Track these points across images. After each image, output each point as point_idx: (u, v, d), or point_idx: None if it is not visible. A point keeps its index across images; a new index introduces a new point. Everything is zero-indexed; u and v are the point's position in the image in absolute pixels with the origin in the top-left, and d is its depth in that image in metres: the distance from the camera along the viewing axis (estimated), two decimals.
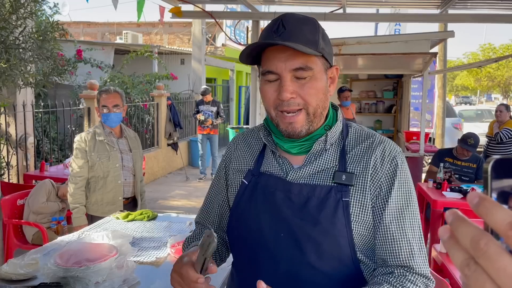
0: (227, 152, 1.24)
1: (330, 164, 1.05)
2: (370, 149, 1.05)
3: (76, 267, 1.55)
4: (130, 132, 3.20)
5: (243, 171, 1.15)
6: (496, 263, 0.32)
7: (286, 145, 1.07)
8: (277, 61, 0.98)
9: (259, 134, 1.18)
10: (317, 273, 1.01)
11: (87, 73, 8.23)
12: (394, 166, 1.04)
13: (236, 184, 1.15)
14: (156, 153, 8.32)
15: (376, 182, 1.02)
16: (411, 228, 1.03)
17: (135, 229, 2.36)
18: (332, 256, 1.00)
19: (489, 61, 5.81)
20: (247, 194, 1.11)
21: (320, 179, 1.04)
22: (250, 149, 1.18)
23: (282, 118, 1.01)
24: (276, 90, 1.00)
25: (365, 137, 1.08)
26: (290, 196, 1.04)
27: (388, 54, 4.74)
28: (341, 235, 0.99)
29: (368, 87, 8.50)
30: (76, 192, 2.91)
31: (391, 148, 1.06)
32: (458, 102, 33.84)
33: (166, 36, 15.84)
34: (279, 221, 1.03)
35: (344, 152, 1.06)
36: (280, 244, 1.03)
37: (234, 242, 1.16)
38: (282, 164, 1.08)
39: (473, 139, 4.45)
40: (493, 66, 22.76)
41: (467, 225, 0.34)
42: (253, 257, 1.08)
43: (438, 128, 10.19)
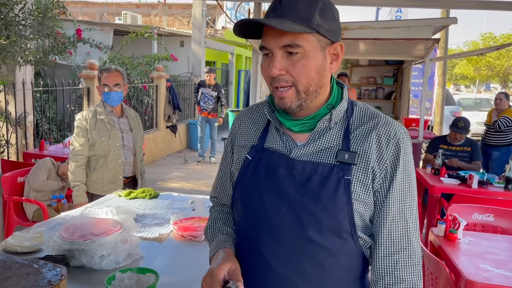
0: (233, 127, 1.25)
1: (333, 143, 1.06)
2: (375, 130, 1.05)
3: (81, 240, 1.56)
4: (131, 111, 3.19)
5: (247, 147, 1.16)
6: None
7: (288, 123, 1.09)
8: (269, 38, 1.00)
9: (263, 110, 1.18)
10: (317, 248, 1.03)
11: (86, 54, 8.16)
12: (399, 149, 1.04)
13: (240, 160, 1.16)
14: (155, 135, 8.31)
15: (382, 164, 1.03)
16: (410, 210, 1.06)
17: (137, 207, 2.38)
18: (332, 232, 1.02)
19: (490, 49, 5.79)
20: (250, 170, 1.12)
21: (323, 157, 1.05)
22: (254, 125, 1.19)
23: (275, 92, 1.04)
24: (269, 66, 1.01)
25: (370, 117, 1.08)
26: (293, 172, 1.05)
27: (391, 39, 4.73)
28: (342, 212, 1.01)
29: (369, 73, 8.49)
30: (76, 170, 2.92)
31: (396, 130, 1.05)
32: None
33: (165, 18, 15.69)
34: (280, 196, 1.05)
35: (348, 131, 1.06)
36: (281, 219, 1.04)
37: (237, 217, 1.18)
38: (286, 141, 1.09)
39: (463, 121, 4.52)
40: (493, 55, 22.69)
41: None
42: (254, 231, 1.10)
43: (437, 116, 10.21)
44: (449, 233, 2.67)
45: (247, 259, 1.12)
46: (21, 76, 4.94)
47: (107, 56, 7.86)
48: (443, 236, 2.71)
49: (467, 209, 3.15)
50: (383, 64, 8.25)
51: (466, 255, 2.46)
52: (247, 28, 1.03)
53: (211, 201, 1.37)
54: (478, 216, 3.13)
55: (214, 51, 12.75)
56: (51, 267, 1.32)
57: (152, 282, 1.36)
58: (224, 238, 1.15)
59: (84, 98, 6.13)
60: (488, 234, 2.92)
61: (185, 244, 1.89)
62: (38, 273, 1.30)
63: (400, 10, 14.73)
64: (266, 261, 1.07)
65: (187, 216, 2.12)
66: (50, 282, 1.25)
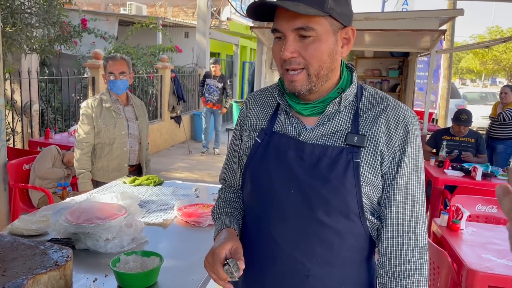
0: (242, 111, 1.26)
1: (343, 126, 1.06)
2: (384, 113, 1.06)
3: (86, 223, 1.58)
4: (136, 100, 3.20)
5: (256, 130, 1.17)
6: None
7: (298, 107, 1.09)
8: (282, 20, 1.00)
9: (273, 93, 1.19)
10: (325, 229, 1.05)
11: (91, 44, 8.16)
12: (408, 132, 1.05)
13: (249, 143, 1.17)
14: (159, 126, 8.33)
15: (391, 147, 1.04)
16: (417, 194, 1.07)
17: (142, 193, 2.39)
18: (340, 213, 1.04)
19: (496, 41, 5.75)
20: (259, 152, 1.13)
21: (332, 140, 1.06)
22: (264, 108, 1.19)
23: (286, 75, 1.04)
24: (281, 49, 1.02)
25: (380, 101, 1.09)
26: (302, 155, 1.06)
27: (397, 30, 4.70)
28: (350, 194, 1.02)
29: (374, 65, 8.44)
30: (82, 158, 2.94)
31: (405, 114, 1.06)
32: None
33: (170, 9, 15.64)
34: (290, 178, 1.06)
35: (358, 115, 1.07)
36: (290, 201, 1.06)
37: (246, 199, 1.20)
38: (295, 124, 1.10)
39: (465, 114, 4.50)
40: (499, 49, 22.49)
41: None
42: (263, 212, 1.12)
43: (441, 109, 10.17)
44: (452, 223, 2.68)
45: (256, 240, 1.14)
46: (26, 65, 4.97)
47: (112, 46, 7.87)
48: (445, 226, 2.72)
49: (470, 200, 3.15)
50: (388, 57, 8.20)
51: (468, 245, 2.47)
52: (260, 11, 1.03)
53: (220, 183, 1.39)
54: (481, 208, 3.13)
55: (218, 42, 12.73)
56: (57, 248, 1.34)
57: (156, 265, 1.38)
58: (228, 219, 1.17)
59: (89, 88, 6.15)
60: (491, 225, 2.92)
61: (189, 229, 1.91)
62: (44, 254, 1.32)
63: (407, 2, 14.62)
64: (275, 241, 1.09)
65: (191, 203, 2.14)
66: (56, 263, 1.27)
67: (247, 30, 12.91)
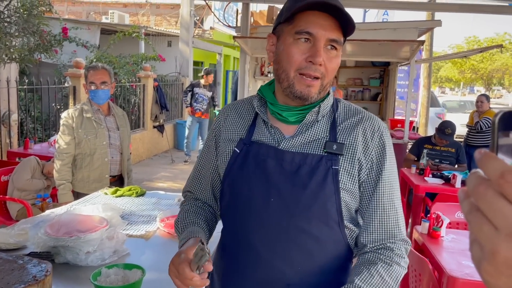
0: (217, 122, 1.26)
1: (321, 135, 1.10)
2: (360, 123, 1.11)
3: (66, 237, 1.55)
4: (118, 110, 3.18)
5: (234, 140, 1.18)
6: (492, 205, 0.35)
7: (285, 113, 1.12)
8: (318, 26, 1.02)
9: (250, 104, 1.21)
10: (305, 236, 1.07)
11: (72, 52, 8.08)
12: (383, 141, 1.11)
13: (227, 153, 1.17)
14: (142, 135, 8.27)
15: (368, 156, 1.09)
16: (398, 199, 1.12)
17: (124, 204, 2.37)
18: (320, 220, 1.06)
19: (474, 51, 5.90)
20: (238, 162, 1.14)
21: (311, 148, 1.09)
22: (241, 119, 1.21)
23: (301, 79, 1.05)
24: (305, 53, 1.03)
25: (354, 112, 1.14)
26: (282, 163, 1.08)
27: (377, 41, 4.78)
28: (330, 200, 1.06)
29: (355, 74, 8.56)
30: (62, 169, 2.90)
31: (379, 124, 1.13)
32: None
33: (153, 18, 15.60)
34: (270, 187, 1.08)
35: (335, 124, 1.12)
36: (270, 209, 1.07)
37: (225, 209, 1.20)
38: (274, 133, 1.12)
39: (450, 128, 4.56)
40: (476, 58, 23.07)
41: (473, 176, 0.37)
42: (243, 222, 1.12)
43: (422, 117, 10.34)
44: (433, 230, 2.72)
45: (236, 249, 1.14)
46: (5, 74, 4.88)
47: (94, 55, 7.79)
48: (426, 234, 2.75)
49: (450, 207, 3.20)
50: (370, 66, 8.33)
51: (448, 252, 2.51)
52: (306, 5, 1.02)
53: (183, 195, 1.36)
54: (461, 215, 3.18)
55: (202, 51, 12.73)
56: (36, 263, 1.32)
57: (138, 278, 1.37)
58: (196, 229, 1.14)
59: (70, 97, 6.07)
60: None
61: (172, 241, 1.89)
62: (23, 268, 1.29)
63: (387, 12, 14.88)
64: (255, 250, 1.09)
65: (173, 214, 2.12)
66: (35, 278, 1.25)
67: (230, 39, 12.94)
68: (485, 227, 0.35)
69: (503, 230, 0.34)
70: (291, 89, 1.06)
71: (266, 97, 1.15)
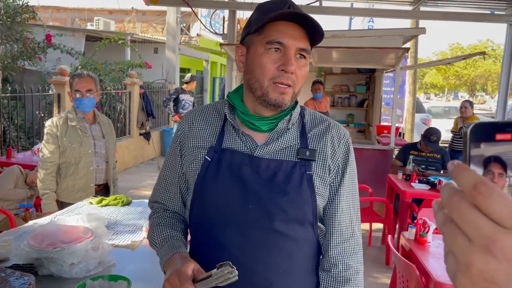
0: (181, 129, 1.23)
1: (292, 142, 1.15)
2: (328, 130, 1.18)
3: (50, 248, 1.52)
4: (103, 118, 3.14)
5: (204, 148, 1.16)
6: (466, 216, 0.34)
7: (257, 123, 1.14)
8: (289, 36, 1.05)
9: (217, 111, 1.22)
10: (284, 238, 1.10)
11: (57, 59, 8.00)
12: (348, 147, 1.19)
13: (198, 161, 1.16)
14: (128, 143, 8.19)
15: (335, 161, 1.16)
16: (357, 202, 1.22)
17: (109, 214, 2.33)
18: (296, 221, 1.11)
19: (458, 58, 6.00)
20: (211, 170, 1.13)
21: (285, 155, 1.13)
22: (209, 126, 1.19)
23: (275, 88, 1.07)
24: (277, 62, 1.06)
25: (321, 120, 1.21)
26: (258, 170, 1.11)
27: (363, 48, 4.83)
28: (307, 204, 1.11)
29: (342, 81, 8.62)
30: (46, 178, 2.85)
31: (345, 132, 1.21)
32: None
33: (139, 24, 15.56)
34: (248, 194, 1.09)
35: (305, 132, 1.17)
36: (249, 215, 1.09)
37: (197, 218, 1.17)
38: (246, 141, 1.14)
39: (435, 135, 4.61)
40: (460, 65, 23.46)
41: (447, 188, 0.37)
42: (220, 230, 1.11)
43: (408, 123, 10.45)
44: (419, 236, 2.73)
45: (215, 259, 1.09)
46: None
47: (79, 62, 7.73)
48: (413, 239, 2.77)
49: None
50: (356, 73, 8.41)
51: (435, 258, 2.52)
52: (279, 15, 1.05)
53: (150, 206, 1.33)
54: None
55: (188, 58, 12.72)
56: (19, 275, 1.29)
57: None
58: (177, 243, 1.12)
59: (54, 105, 5.99)
60: None
61: None
62: (5, 281, 1.26)
63: (372, 20, 15.07)
64: (236, 258, 1.07)
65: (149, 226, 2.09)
66: None
67: (217, 46, 12.96)
68: (459, 239, 0.35)
69: (477, 242, 0.34)
70: (265, 98, 1.08)
71: (237, 106, 1.16)
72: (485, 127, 0.37)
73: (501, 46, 22.79)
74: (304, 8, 5.23)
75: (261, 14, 1.07)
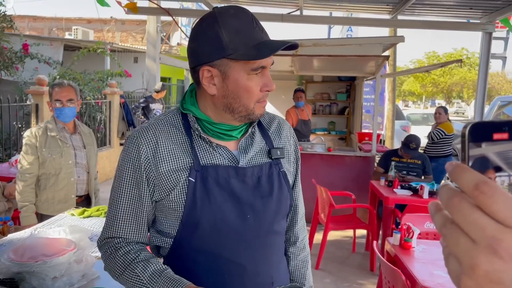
0: (143, 154, 1.09)
1: (260, 144, 1.20)
2: (280, 126, 1.27)
3: (32, 262, 1.47)
4: (84, 127, 3.09)
5: (183, 169, 1.09)
6: (468, 217, 0.34)
7: (234, 132, 1.14)
8: (268, 59, 1.07)
9: (175, 125, 1.13)
10: (278, 236, 1.21)
11: (34, 69, 7.86)
12: (294, 137, 1.31)
13: (181, 185, 1.08)
14: (109, 153, 8.07)
15: (291, 153, 1.27)
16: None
17: (92, 225, 2.28)
18: (283, 218, 1.22)
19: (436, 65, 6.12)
20: (200, 191, 1.07)
21: (259, 158, 1.18)
22: (176, 144, 1.11)
23: (260, 104, 1.11)
24: (258, 84, 1.07)
25: (271, 117, 1.28)
26: (245, 179, 1.12)
27: (344, 56, 4.88)
28: (288, 198, 1.20)
29: (323, 89, 8.70)
30: (25, 190, 2.77)
31: (288, 123, 1.32)
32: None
33: (118, 34, 15.44)
34: (243, 205, 1.11)
35: (265, 131, 1.23)
36: (248, 225, 1.11)
37: (189, 241, 1.11)
38: (223, 153, 1.13)
39: (414, 142, 4.70)
40: (437, 73, 23.98)
41: (445, 189, 0.36)
42: (222, 245, 1.09)
43: (388, 130, 10.59)
44: (404, 242, 2.75)
45: (220, 274, 1.11)
46: None
47: (57, 72, 7.60)
48: (398, 245, 2.79)
49: (419, 218, 3.26)
50: (336, 81, 8.50)
51: (420, 263, 2.54)
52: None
53: (103, 243, 1.18)
54: (429, 225, 3.25)
55: (169, 67, 12.66)
56: None
57: None
58: (172, 276, 1.04)
59: (32, 115, 5.87)
60: (439, 242, 3.03)
61: None
62: None
63: (351, 29, 15.32)
64: (242, 267, 1.11)
65: None
66: None
67: None
68: (461, 240, 0.34)
69: (481, 243, 0.33)
70: (251, 116, 1.11)
71: (203, 118, 1.11)
72: (482, 127, 0.37)
73: (476, 54, 23.44)
74: (285, 17, 5.28)
75: (234, 36, 1.01)
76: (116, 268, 1.11)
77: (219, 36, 1.02)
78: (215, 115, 1.12)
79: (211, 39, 1.03)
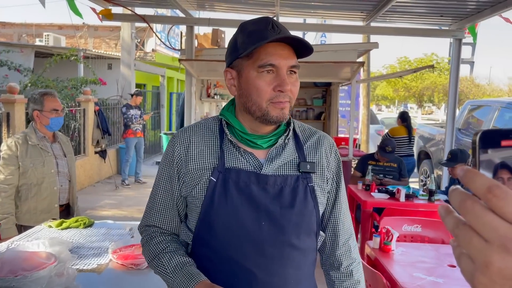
0: (177, 151, 1.20)
1: (292, 156, 1.19)
2: (320, 142, 1.25)
3: (11, 276, 1.43)
4: (62, 136, 3.05)
5: (207, 169, 1.16)
6: (481, 219, 0.36)
7: (258, 141, 1.16)
8: (279, 57, 1.08)
9: (212, 129, 1.22)
10: (295, 250, 1.15)
11: (4, 77, 7.65)
12: (337, 155, 1.29)
13: (202, 183, 1.15)
14: (83, 161, 7.91)
15: (330, 170, 1.24)
16: (347, 202, 1.33)
17: (71, 237, 2.23)
18: (305, 233, 1.17)
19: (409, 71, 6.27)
20: (219, 191, 1.13)
21: (287, 170, 1.17)
22: (207, 146, 1.19)
23: (275, 105, 1.10)
24: (272, 83, 1.09)
25: (311, 132, 1.27)
26: (265, 187, 1.13)
27: (320, 62, 4.95)
28: (313, 214, 1.17)
29: (299, 95, 8.64)
30: (4, 202, 2.69)
31: (332, 141, 1.30)
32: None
33: (91, 40, 15.20)
34: (259, 211, 1.12)
35: (300, 145, 1.21)
36: (263, 232, 1.11)
37: (204, 239, 1.16)
38: (249, 159, 1.16)
39: (390, 146, 4.81)
40: (409, 78, 24.52)
41: (456, 192, 0.38)
42: (236, 249, 1.12)
43: (363, 134, 10.76)
44: (384, 245, 2.80)
45: (232, 278, 1.12)
46: None
47: (28, 79, 7.41)
48: (378, 248, 2.83)
49: (397, 221, 3.32)
50: (312, 86, 8.59)
51: (400, 265, 2.59)
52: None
53: (142, 230, 1.29)
54: (407, 228, 3.31)
55: (144, 74, 12.53)
56: None
57: None
58: (193, 270, 1.11)
59: (2, 125, 5.70)
60: (417, 244, 3.10)
61: (126, 273, 1.80)
62: None
63: (325, 35, 15.54)
64: (253, 274, 1.11)
65: (126, 244, 2.03)
66: None
67: (173, 61, 12.87)
68: (474, 240, 0.36)
69: (494, 242, 0.35)
70: (266, 117, 1.11)
71: (235, 125, 1.17)
72: (491, 134, 0.40)
73: (445, 59, 24.09)
74: None
75: (246, 37, 1.09)
76: (149, 255, 1.22)
77: (236, 41, 1.14)
78: (248, 123, 1.17)
79: (231, 45, 1.16)
